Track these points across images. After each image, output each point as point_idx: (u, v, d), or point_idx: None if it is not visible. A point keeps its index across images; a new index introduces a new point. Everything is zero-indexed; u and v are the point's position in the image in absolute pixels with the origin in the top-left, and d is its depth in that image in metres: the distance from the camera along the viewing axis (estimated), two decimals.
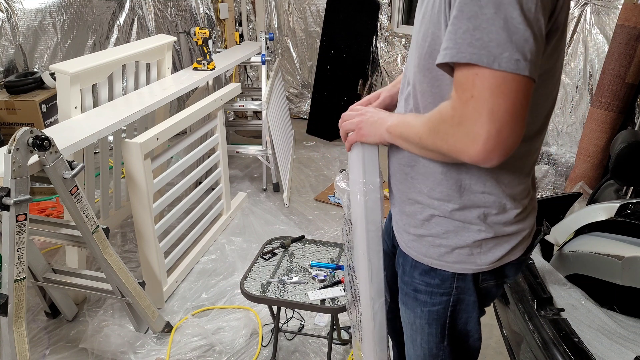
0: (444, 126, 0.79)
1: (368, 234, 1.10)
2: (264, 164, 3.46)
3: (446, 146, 0.80)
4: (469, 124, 0.74)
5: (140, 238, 2.19)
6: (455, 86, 0.76)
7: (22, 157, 1.45)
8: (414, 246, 1.02)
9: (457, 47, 0.72)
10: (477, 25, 0.70)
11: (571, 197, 1.94)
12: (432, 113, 0.83)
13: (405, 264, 1.06)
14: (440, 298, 1.02)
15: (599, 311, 1.47)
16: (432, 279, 1.01)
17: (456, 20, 0.72)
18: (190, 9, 4.41)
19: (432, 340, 1.07)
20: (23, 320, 1.59)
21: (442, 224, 0.96)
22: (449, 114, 0.77)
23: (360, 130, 1.04)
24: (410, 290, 1.06)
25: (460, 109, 0.75)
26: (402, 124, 0.93)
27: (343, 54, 4.35)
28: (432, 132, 0.82)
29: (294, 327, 2.14)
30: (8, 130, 3.13)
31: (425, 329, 1.06)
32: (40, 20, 3.58)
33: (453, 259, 0.97)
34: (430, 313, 1.04)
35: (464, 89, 0.73)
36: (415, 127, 0.87)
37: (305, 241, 2.00)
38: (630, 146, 1.71)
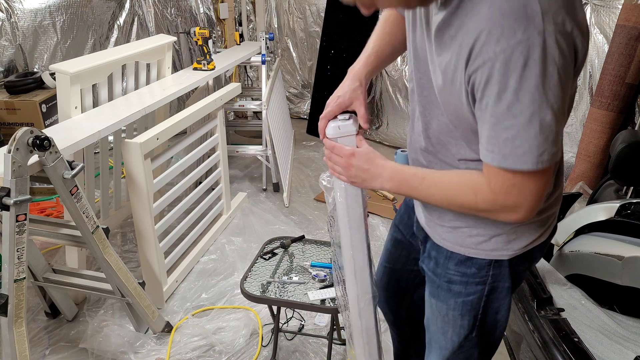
0: (484, 209, 0.86)
1: (351, 231, 1.11)
2: (264, 164, 3.46)
3: (488, 215, 0.88)
4: (513, 205, 0.82)
5: (140, 238, 2.19)
6: (492, 174, 0.81)
7: (22, 157, 1.45)
8: (448, 237, 1.04)
9: (501, 153, 0.77)
10: (515, 134, 0.75)
11: (571, 197, 1.94)
12: (462, 192, 0.87)
13: (439, 256, 1.07)
14: (475, 287, 1.03)
15: (599, 311, 1.47)
16: (468, 268, 1.02)
17: (496, 129, 0.76)
18: (190, 9, 4.41)
19: (463, 332, 1.09)
20: (23, 320, 1.59)
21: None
22: (490, 200, 0.84)
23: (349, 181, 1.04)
24: (444, 282, 1.07)
25: (503, 195, 0.82)
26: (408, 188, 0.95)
27: (343, 54, 4.35)
28: (466, 208, 0.89)
29: (294, 327, 2.14)
30: (8, 130, 3.13)
31: (457, 320, 1.08)
32: (40, 20, 3.58)
33: (490, 247, 0.99)
34: (464, 304, 1.05)
35: (504, 179, 0.80)
36: (434, 197, 0.92)
37: (305, 241, 2.00)
38: (630, 146, 1.71)
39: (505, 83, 0.72)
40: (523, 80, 0.71)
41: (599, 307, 1.49)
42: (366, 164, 0.99)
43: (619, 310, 1.61)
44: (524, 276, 1.09)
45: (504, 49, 0.70)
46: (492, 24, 0.70)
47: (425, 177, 0.94)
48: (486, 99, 0.75)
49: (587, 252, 1.62)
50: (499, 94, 0.73)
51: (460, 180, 0.89)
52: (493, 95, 0.74)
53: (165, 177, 2.31)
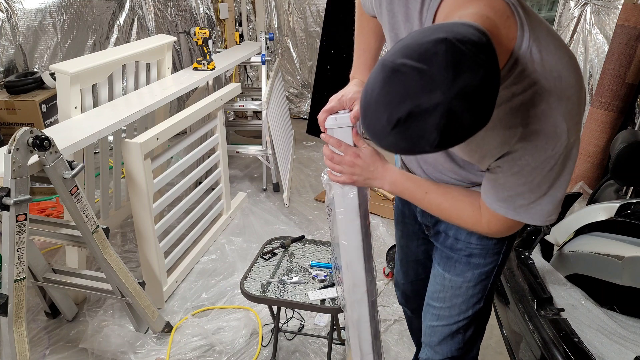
0: (474, 229, 1.02)
1: (346, 224, 1.13)
2: (264, 164, 3.46)
3: (469, 228, 1.04)
4: (502, 235, 1.01)
5: (140, 238, 2.19)
6: (492, 216, 0.96)
7: (22, 157, 1.45)
8: None
9: (515, 211, 0.92)
10: (530, 203, 0.90)
11: (571, 197, 1.94)
12: (459, 213, 1.02)
13: (460, 233, 1.17)
14: (493, 257, 1.17)
15: (599, 311, 1.47)
16: (490, 239, 1.14)
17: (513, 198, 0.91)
18: (190, 9, 4.41)
19: (472, 301, 1.20)
20: (23, 320, 1.59)
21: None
22: (484, 230, 1.00)
23: (351, 179, 1.07)
24: (464, 256, 1.18)
25: (495, 231, 0.99)
26: (409, 197, 1.07)
27: (343, 54, 4.35)
28: (458, 223, 1.04)
29: (294, 327, 2.14)
30: (8, 130, 3.13)
31: (469, 290, 1.19)
32: (40, 20, 3.58)
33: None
34: (481, 274, 1.18)
35: (502, 223, 0.96)
36: (432, 209, 1.05)
37: (305, 241, 2.00)
38: (630, 146, 1.71)
39: (532, 179, 0.87)
40: (545, 177, 0.86)
41: (599, 307, 1.49)
42: (372, 165, 1.05)
43: (619, 310, 1.61)
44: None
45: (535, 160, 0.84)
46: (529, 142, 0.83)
47: (428, 192, 1.04)
48: (510, 179, 0.89)
49: (587, 252, 1.62)
50: (524, 184, 0.88)
51: (461, 208, 1.02)
52: (519, 182, 0.88)
53: (165, 177, 2.31)
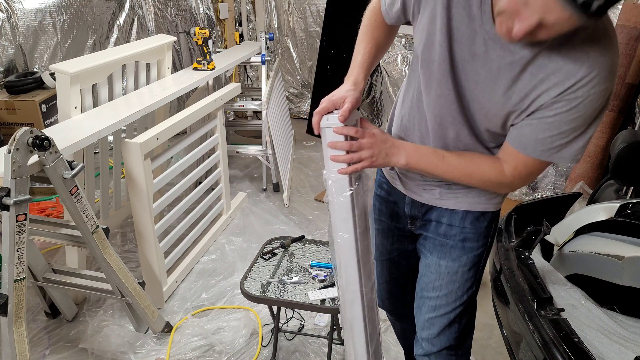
0: (498, 185, 1.08)
1: (339, 221, 1.12)
2: (264, 164, 3.46)
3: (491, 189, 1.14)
4: (520, 185, 1.08)
5: (140, 238, 2.19)
6: (519, 162, 1.02)
7: (22, 157, 1.45)
8: (465, 200, 1.20)
9: (549, 152, 0.98)
10: (567, 143, 0.96)
11: (571, 197, 1.94)
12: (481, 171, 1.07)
13: (453, 220, 1.22)
14: (485, 240, 1.24)
15: (599, 311, 1.47)
16: (482, 222, 1.22)
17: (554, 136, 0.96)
18: (190, 9, 4.41)
19: (467, 285, 1.26)
20: (23, 320, 1.59)
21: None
22: (509, 180, 1.06)
23: (371, 160, 1.08)
24: (459, 241, 1.23)
25: (519, 179, 1.05)
26: (426, 164, 1.09)
27: (343, 54, 4.35)
28: (478, 183, 1.09)
29: (294, 327, 2.14)
30: (8, 130, 3.12)
31: (465, 275, 1.24)
32: (40, 20, 3.58)
33: (498, 200, 1.22)
34: (474, 257, 1.24)
35: (527, 167, 1.02)
36: (452, 173, 1.09)
37: (305, 241, 2.00)
38: (630, 146, 1.71)
39: (583, 113, 0.92)
40: (593, 114, 0.93)
41: (599, 307, 1.49)
42: (388, 141, 1.09)
43: (619, 310, 1.61)
44: None
45: (597, 92, 0.90)
46: (595, 73, 0.88)
47: (445, 156, 1.08)
48: (559, 118, 0.93)
49: (587, 252, 1.62)
50: (576, 118, 0.93)
51: (481, 163, 1.07)
52: (569, 118, 0.93)
53: (165, 177, 2.31)
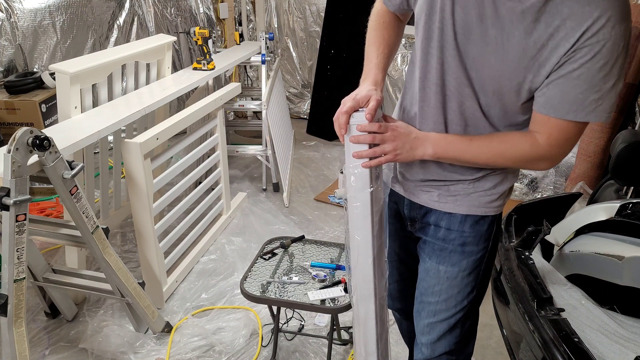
0: (535, 158, 1.02)
1: (357, 218, 1.13)
2: (264, 164, 3.46)
3: (527, 166, 1.08)
4: (558, 156, 1.02)
5: (140, 238, 2.19)
6: (554, 129, 0.97)
7: (22, 157, 1.45)
8: (464, 202, 1.17)
9: (585, 111, 0.93)
10: (601, 97, 0.91)
11: (571, 197, 1.94)
12: (514, 146, 1.02)
13: (452, 223, 1.19)
14: (485, 243, 1.21)
15: (599, 311, 1.47)
16: (481, 226, 1.18)
17: (586, 92, 0.91)
18: (190, 8, 4.41)
19: (467, 290, 1.23)
20: (23, 320, 1.58)
21: (493, 178, 1.15)
22: (545, 150, 1.00)
23: (396, 153, 1.06)
24: (458, 245, 1.20)
25: (557, 147, 0.99)
26: (455, 151, 1.06)
27: (343, 54, 4.35)
28: (512, 161, 1.04)
29: (294, 327, 2.14)
30: (8, 130, 3.12)
31: (464, 280, 1.22)
32: (40, 20, 3.58)
33: (499, 203, 1.18)
34: (474, 262, 1.21)
35: (563, 133, 0.97)
36: (483, 155, 1.05)
37: (305, 241, 2.00)
38: (630, 146, 1.71)
39: (609, 58, 0.88)
40: (619, 57, 0.89)
41: (599, 307, 1.49)
42: (412, 133, 1.07)
43: (620, 310, 1.61)
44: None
45: (617, 33, 0.86)
46: (612, 12, 0.86)
47: (472, 138, 1.05)
48: (585, 69, 0.89)
49: (587, 252, 1.62)
50: (603, 66, 0.88)
51: (512, 137, 1.03)
52: (596, 67, 0.89)
53: (165, 177, 2.31)
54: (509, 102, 1.01)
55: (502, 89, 0.99)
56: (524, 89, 0.97)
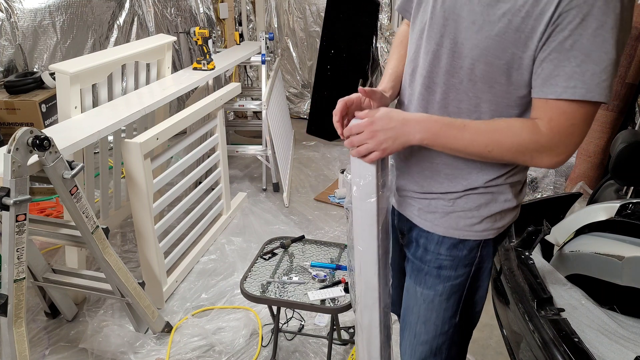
0: (535, 147, 0.88)
1: (362, 227, 1.11)
2: (264, 164, 3.46)
3: (528, 160, 0.91)
4: (562, 146, 0.88)
5: (140, 238, 2.19)
6: (555, 114, 0.85)
7: (22, 157, 1.45)
8: (441, 222, 1.08)
9: (585, 86, 0.82)
10: (604, 68, 0.80)
11: (571, 197, 1.94)
12: (512, 133, 0.89)
13: (429, 243, 1.11)
14: (464, 270, 1.10)
15: (599, 311, 1.47)
16: (460, 250, 1.08)
17: (584, 64, 0.81)
18: (190, 8, 4.41)
19: (447, 315, 1.14)
20: (23, 320, 1.58)
21: (474, 199, 1.04)
22: (547, 138, 0.87)
23: (381, 149, 0.97)
24: (434, 268, 1.11)
25: (560, 134, 0.86)
26: (446, 136, 0.93)
27: (343, 54, 4.35)
28: (512, 151, 0.90)
29: (294, 327, 2.14)
30: (8, 130, 3.12)
31: (443, 304, 1.12)
32: (40, 20, 3.58)
33: (482, 228, 1.06)
34: (452, 287, 1.11)
35: (567, 118, 0.85)
36: (478, 142, 0.92)
37: (305, 241, 2.00)
38: (630, 146, 1.71)
39: (604, 20, 0.77)
40: (619, 19, 0.77)
41: (599, 307, 1.49)
42: (391, 123, 0.95)
43: (619, 310, 1.61)
44: (494, 255, 1.17)
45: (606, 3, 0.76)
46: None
47: (466, 124, 0.93)
48: (577, 36, 0.79)
49: (587, 252, 1.62)
50: (597, 30, 0.78)
51: (509, 123, 0.91)
52: (589, 31, 0.78)
53: (165, 177, 2.31)
54: (499, 91, 0.92)
55: (491, 72, 0.91)
56: (514, 69, 0.89)
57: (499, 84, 0.92)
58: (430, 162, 1.05)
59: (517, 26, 0.84)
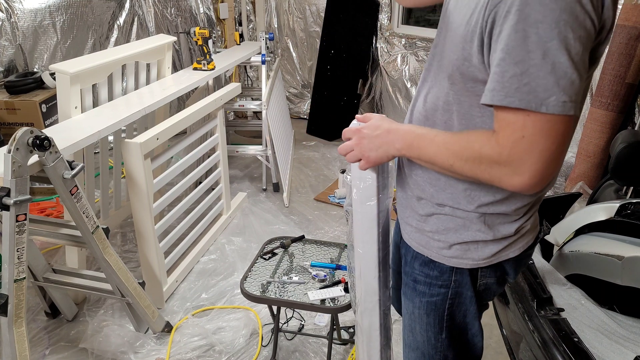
0: (487, 161, 0.79)
1: (362, 230, 1.11)
2: (264, 164, 3.46)
3: (487, 177, 0.81)
4: (518, 163, 0.76)
5: (140, 238, 2.19)
6: (502, 125, 0.77)
7: (22, 157, 1.45)
8: (415, 237, 1.05)
9: (504, 90, 0.73)
10: (525, 70, 0.71)
11: (571, 197, 1.94)
12: (468, 144, 0.82)
13: (407, 255, 1.08)
14: (439, 290, 1.03)
15: (599, 311, 1.47)
16: (431, 270, 1.03)
17: (503, 63, 0.73)
18: (190, 9, 4.41)
19: (430, 329, 1.09)
20: (23, 320, 1.59)
21: (443, 221, 0.99)
22: (495, 151, 0.77)
23: (365, 156, 0.97)
24: (410, 280, 1.08)
25: (509, 148, 0.76)
26: (418, 147, 0.89)
27: (343, 54, 4.35)
28: (470, 164, 0.82)
29: (294, 327, 2.14)
30: (8, 130, 3.13)
31: (423, 318, 1.08)
32: (40, 20, 3.58)
33: (450, 254, 1.00)
34: (428, 304, 1.05)
35: (513, 129, 0.75)
36: (442, 155, 0.85)
37: (305, 241, 2.00)
38: (630, 146, 1.71)
39: (526, 12, 0.69)
40: (545, 11, 0.69)
41: (599, 307, 1.49)
42: (376, 131, 0.94)
43: (619, 310, 1.61)
44: (495, 288, 1.07)
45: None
46: None
47: (437, 135, 0.88)
48: (502, 31, 0.72)
49: (587, 252, 1.62)
50: (517, 23, 0.70)
51: (468, 136, 0.84)
52: (510, 25, 0.71)
53: (165, 177, 2.31)
54: (459, 88, 0.87)
55: (453, 70, 0.86)
56: (466, 67, 0.83)
57: (460, 82, 0.87)
58: (411, 171, 1.03)
59: (466, 20, 0.80)
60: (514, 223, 0.97)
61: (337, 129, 4.55)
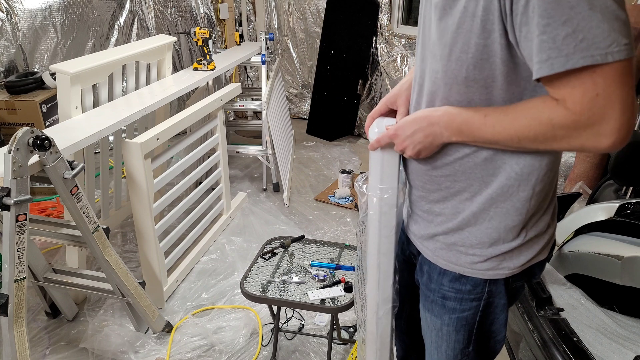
0: (564, 131, 0.75)
1: (380, 239, 1.09)
2: (264, 164, 3.47)
3: (568, 146, 0.77)
4: (601, 122, 0.72)
5: (140, 238, 2.20)
6: (566, 91, 0.73)
7: (23, 157, 1.45)
8: (442, 254, 1.00)
9: (563, 54, 0.69)
10: (575, 27, 0.68)
11: (571, 197, 1.94)
12: (533, 120, 0.78)
13: (432, 272, 1.04)
14: (471, 304, 1.00)
15: (599, 311, 1.47)
16: (463, 285, 0.99)
17: (549, 29, 0.69)
18: (191, 9, 4.42)
19: (458, 346, 1.06)
20: (23, 320, 1.59)
21: (477, 235, 0.95)
22: (571, 119, 0.73)
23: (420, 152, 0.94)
24: (438, 297, 1.04)
25: (587, 110, 0.72)
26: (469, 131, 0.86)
27: (343, 54, 4.35)
28: (543, 138, 0.78)
29: (294, 327, 2.14)
30: (8, 130, 3.13)
31: (452, 335, 1.05)
32: (40, 21, 3.58)
33: (486, 267, 0.96)
34: (459, 320, 1.02)
35: (583, 91, 0.71)
36: (503, 135, 0.81)
37: (305, 241, 2.00)
38: (630, 146, 1.72)
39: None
40: None
41: (599, 307, 1.49)
42: (413, 125, 0.92)
43: (619, 310, 1.61)
44: (521, 291, 1.06)
45: None
46: None
47: (487, 114, 0.83)
48: (530, 1, 0.69)
49: (586, 252, 1.62)
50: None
51: (530, 109, 0.79)
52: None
53: (166, 177, 2.31)
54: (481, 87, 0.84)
55: (469, 72, 0.83)
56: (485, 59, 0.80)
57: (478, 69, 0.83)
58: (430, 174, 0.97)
59: (472, 12, 0.77)
60: (545, 230, 0.96)
61: (337, 129, 4.55)
